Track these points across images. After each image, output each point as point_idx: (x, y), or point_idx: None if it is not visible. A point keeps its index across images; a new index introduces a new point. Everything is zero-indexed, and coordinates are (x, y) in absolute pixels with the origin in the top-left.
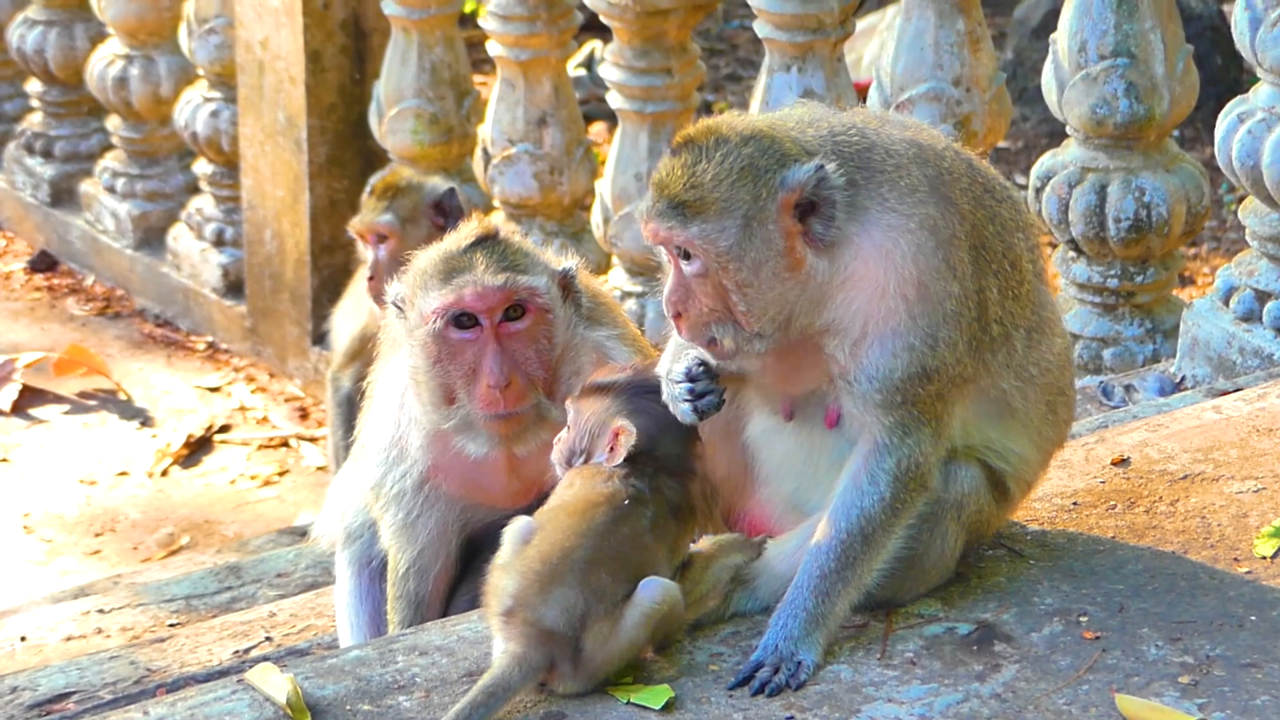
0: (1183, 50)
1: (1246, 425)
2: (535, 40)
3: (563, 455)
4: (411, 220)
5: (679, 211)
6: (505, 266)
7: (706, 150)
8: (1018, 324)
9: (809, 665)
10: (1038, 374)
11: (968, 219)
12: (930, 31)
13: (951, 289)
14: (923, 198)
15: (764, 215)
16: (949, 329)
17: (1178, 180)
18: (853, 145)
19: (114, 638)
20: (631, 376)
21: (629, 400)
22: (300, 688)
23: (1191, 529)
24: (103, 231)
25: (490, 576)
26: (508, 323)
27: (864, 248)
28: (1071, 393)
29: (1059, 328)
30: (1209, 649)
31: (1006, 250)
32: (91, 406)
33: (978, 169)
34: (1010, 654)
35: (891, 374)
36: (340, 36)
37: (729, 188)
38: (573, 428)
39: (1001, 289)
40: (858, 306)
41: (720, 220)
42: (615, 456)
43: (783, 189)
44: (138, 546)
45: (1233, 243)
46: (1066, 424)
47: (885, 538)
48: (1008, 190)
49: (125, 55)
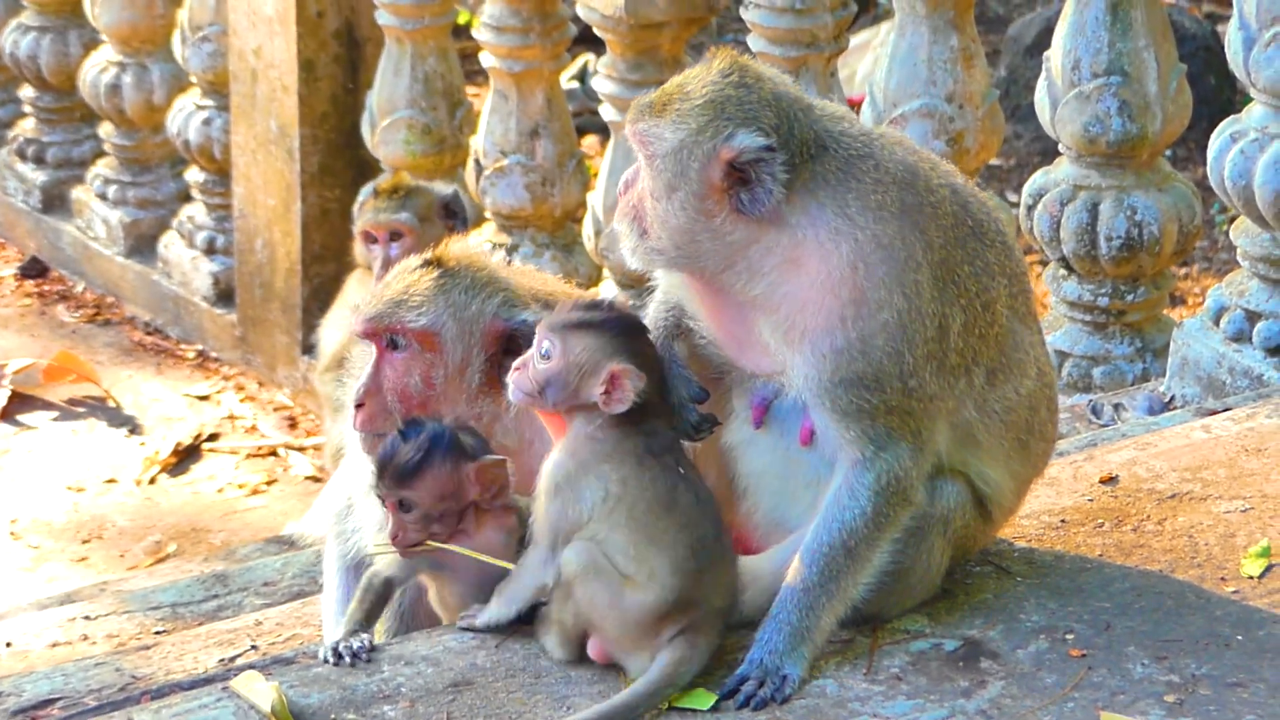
0: (1176, 69)
1: (1235, 445)
2: (528, 52)
3: (534, 386)
4: (427, 219)
5: (650, 105)
6: (389, 300)
7: (712, 66)
8: (979, 361)
9: (794, 679)
10: (1001, 411)
11: (936, 250)
12: (924, 48)
13: (895, 303)
14: (886, 217)
15: (699, 151)
16: (888, 338)
17: (1170, 199)
18: (849, 149)
19: (100, 644)
20: (619, 314)
21: (626, 341)
22: (285, 696)
23: (1179, 548)
24: (94, 238)
25: (594, 605)
26: (390, 350)
27: (804, 240)
28: (1049, 430)
29: (1032, 370)
30: (1195, 668)
31: (981, 291)
32: (80, 413)
33: (972, 213)
34: (996, 671)
35: (820, 374)
36: (333, 46)
37: (689, 108)
38: (556, 359)
39: (966, 324)
40: (786, 290)
41: (667, 127)
42: (617, 402)
43: (724, 143)
44: (125, 554)
45: (1224, 263)
46: (1043, 457)
47: (869, 551)
48: (1002, 236)
49: (118, 62)
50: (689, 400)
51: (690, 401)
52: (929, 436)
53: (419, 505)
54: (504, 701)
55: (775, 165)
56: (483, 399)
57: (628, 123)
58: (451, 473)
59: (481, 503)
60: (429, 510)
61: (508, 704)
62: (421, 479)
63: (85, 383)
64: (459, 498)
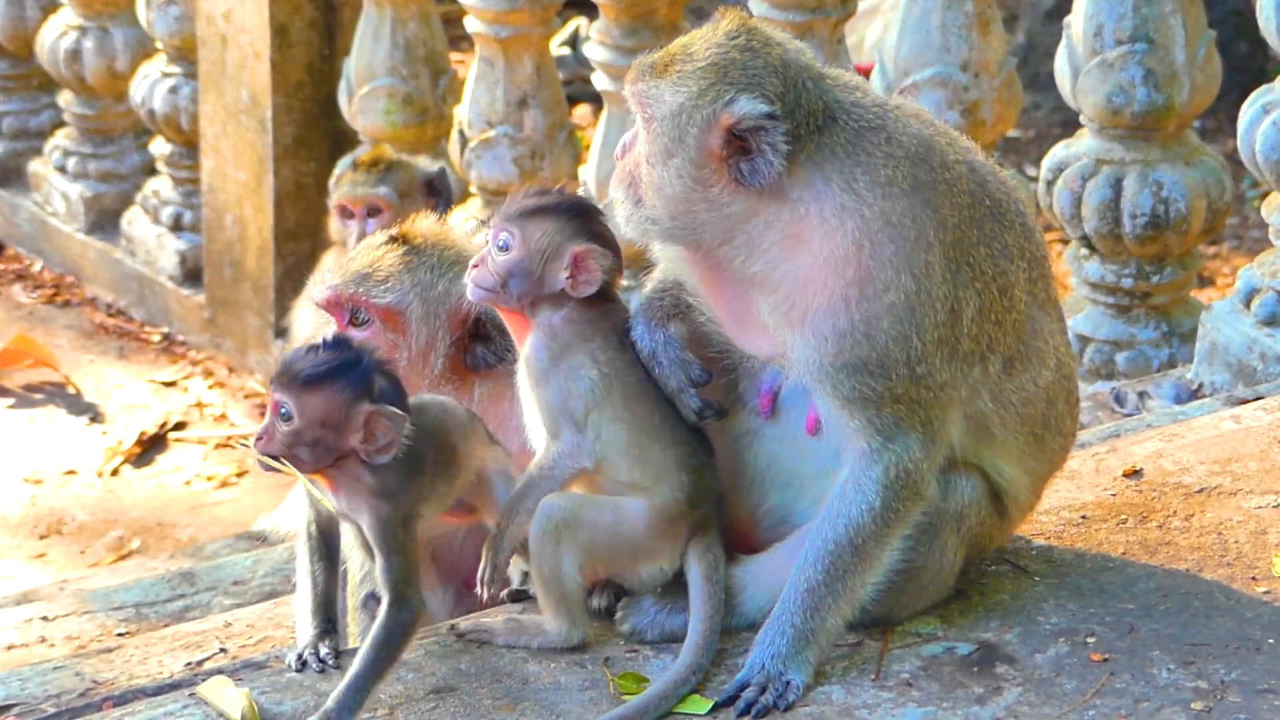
0: (1205, 36)
1: (1267, 436)
2: (516, 16)
3: (496, 280)
4: (408, 195)
5: (652, 65)
6: (355, 272)
7: (720, 27)
8: (994, 348)
9: (798, 685)
10: (1019, 403)
11: (949, 230)
12: (937, 12)
13: (903, 284)
14: (897, 194)
15: (698, 115)
16: (894, 322)
17: (1198, 174)
18: (860, 120)
19: (58, 647)
20: (571, 197)
21: (584, 222)
22: (256, 703)
23: (1207, 546)
24: (52, 214)
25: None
26: (352, 327)
27: (807, 215)
28: (1068, 427)
29: (1051, 360)
30: (1224, 673)
31: (998, 275)
32: (38, 400)
33: (990, 191)
34: (1013, 676)
35: (822, 358)
36: (309, 9)
37: (691, 70)
38: (516, 248)
39: (981, 308)
40: (787, 268)
41: (667, 89)
42: (585, 284)
43: (725, 108)
44: (85, 550)
45: (1255, 241)
46: (1060, 454)
47: (877, 549)
48: (1022, 218)
49: (79, 26)
50: (689, 384)
51: (691, 385)
52: (940, 427)
53: (296, 419)
54: (489, 709)
55: (777, 135)
56: (445, 384)
57: (627, 83)
58: (343, 405)
59: (361, 453)
60: (302, 430)
61: (493, 711)
62: (310, 395)
63: (43, 368)
64: (339, 434)
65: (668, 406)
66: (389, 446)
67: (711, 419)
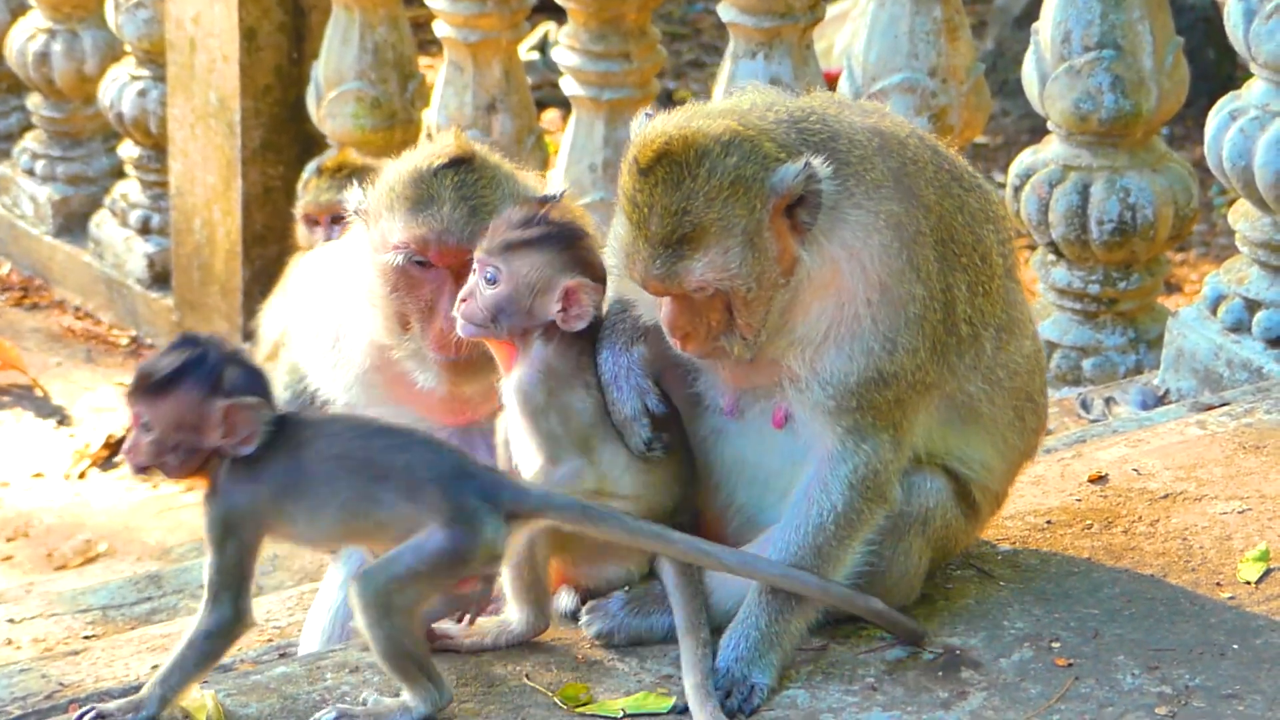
0: (1173, 43)
1: (1232, 442)
2: (485, 21)
3: (485, 315)
4: None
5: (676, 252)
6: (474, 213)
7: (689, 166)
8: (988, 322)
9: (763, 688)
10: (1006, 377)
11: (934, 211)
12: (905, 18)
13: (916, 291)
14: (888, 193)
15: (760, 225)
16: (910, 334)
17: (1165, 181)
18: (816, 134)
19: (24, 649)
20: (557, 226)
21: (573, 253)
22: (222, 705)
23: (1172, 551)
24: (20, 217)
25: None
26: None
27: (831, 250)
28: (1042, 400)
29: (1029, 329)
30: (1188, 678)
31: (976, 243)
32: (5, 403)
33: (944, 156)
34: (978, 681)
35: (847, 378)
36: (277, 13)
37: (722, 205)
38: (504, 283)
39: (971, 285)
40: (817, 314)
41: (722, 242)
42: (576, 318)
43: (774, 195)
44: (52, 553)
45: (1222, 248)
46: (1036, 433)
47: (840, 551)
48: (976, 179)
49: (47, 29)
50: (643, 413)
51: (645, 414)
52: (909, 428)
53: (155, 428)
54: (455, 711)
55: (815, 173)
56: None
57: (671, 292)
58: (195, 404)
59: (225, 448)
60: (162, 437)
61: (459, 714)
62: (162, 400)
63: (10, 370)
64: (199, 434)
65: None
66: (252, 436)
67: (659, 454)
